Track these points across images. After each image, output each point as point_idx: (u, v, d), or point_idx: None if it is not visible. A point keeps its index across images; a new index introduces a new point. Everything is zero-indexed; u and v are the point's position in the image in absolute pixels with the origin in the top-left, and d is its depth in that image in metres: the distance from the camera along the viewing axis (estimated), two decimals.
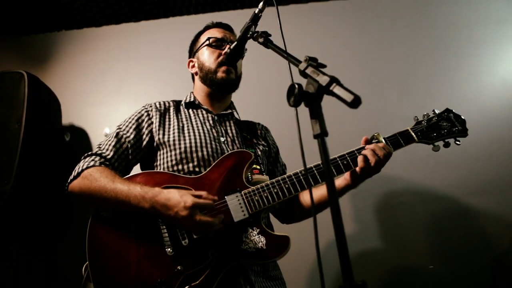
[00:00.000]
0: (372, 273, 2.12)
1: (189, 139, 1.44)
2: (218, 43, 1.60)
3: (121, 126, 1.49)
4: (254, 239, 1.28)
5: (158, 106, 1.56)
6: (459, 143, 1.43)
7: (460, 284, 2.10)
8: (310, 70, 0.88)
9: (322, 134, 0.79)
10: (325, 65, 0.90)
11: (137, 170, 1.49)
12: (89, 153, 1.41)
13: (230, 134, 1.56)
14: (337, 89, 0.78)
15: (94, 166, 1.34)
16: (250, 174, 1.43)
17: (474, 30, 2.64)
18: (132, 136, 1.45)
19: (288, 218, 1.69)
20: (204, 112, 1.59)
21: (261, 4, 1.24)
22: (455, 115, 1.48)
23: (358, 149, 1.39)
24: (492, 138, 2.36)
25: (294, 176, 1.38)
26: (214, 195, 1.29)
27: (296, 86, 0.82)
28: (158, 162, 1.44)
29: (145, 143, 1.46)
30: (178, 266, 1.22)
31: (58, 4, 2.54)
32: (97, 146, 1.44)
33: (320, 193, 1.50)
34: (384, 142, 1.39)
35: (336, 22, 2.72)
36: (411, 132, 1.43)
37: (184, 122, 1.52)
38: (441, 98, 2.47)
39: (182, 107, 1.60)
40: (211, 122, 1.56)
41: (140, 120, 1.50)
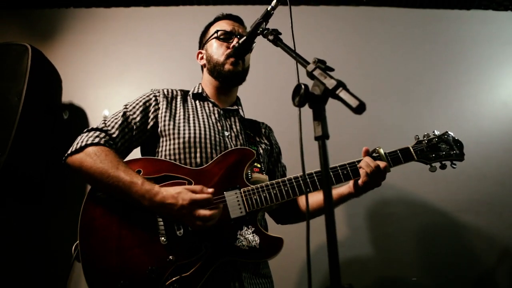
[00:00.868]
0: (357, 279, 2.14)
1: (193, 130, 1.44)
2: (226, 36, 1.59)
3: (128, 106, 1.47)
4: (248, 238, 1.29)
5: (166, 93, 1.55)
6: (455, 166, 1.48)
7: None
8: (317, 72, 0.88)
9: (324, 137, 0.79)
10: (333, 68, 0.90)
11: (136, 152, 1.50)
12: (93, 127, 1.37)
13: (235, 129, 1.56)
14: (343, 93, 0.78)
15: (98, 144, 1.31)
16: (250, 172, 1.43)
17: (481, 49, 2.66)
18: (138, 119, 1.44)
19: (283, 219, 1.70)
20: (210, 105, 1.59)
21: (274, 1, 1.23)
22: (454, 139, 1.51)
23: (359, 161, 1.41)
24: (487, 159, 2.39)
25: (294, 180, 1.38)
26: (213, 189, 1.28)
27: (302, 86, 0.82)
28: (160, 149, 1.43)
29: (150, 127, 1.45)
30: (170, 256, 1.22)
31: None
32: (102, 121, 1.41)
33: (319, 198, 1.51)
34: (385, 156, 1.42)
35: (344, 28, 2.73)
36: (412, 150, 1.46)
37: (190, 113, 1.52)
38: (441, 115, 2.49)
39: (189, 98, 1.60)
40: (217, 115, 1.56)
41: (148, 104, 1.49)
